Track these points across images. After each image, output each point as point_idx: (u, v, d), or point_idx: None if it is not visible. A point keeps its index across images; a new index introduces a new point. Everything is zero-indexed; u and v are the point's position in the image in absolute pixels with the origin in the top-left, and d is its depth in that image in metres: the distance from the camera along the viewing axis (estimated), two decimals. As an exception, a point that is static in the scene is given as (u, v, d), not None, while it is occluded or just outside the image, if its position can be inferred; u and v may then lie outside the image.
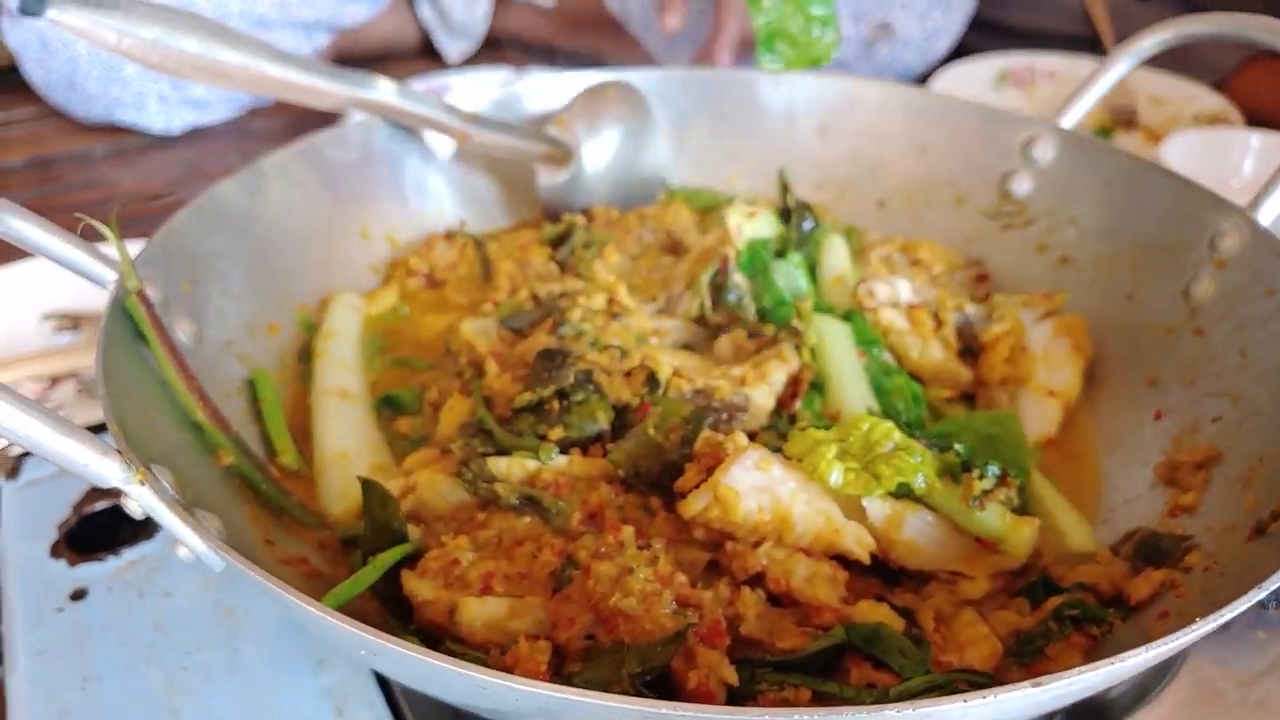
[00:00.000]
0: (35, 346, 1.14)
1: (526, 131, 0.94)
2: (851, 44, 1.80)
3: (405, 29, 2.14)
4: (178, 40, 0.86)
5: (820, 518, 0.59)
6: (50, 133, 1.85)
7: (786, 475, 0.60)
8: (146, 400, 0.65)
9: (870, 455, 0.62)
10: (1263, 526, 0.58)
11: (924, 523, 0.61)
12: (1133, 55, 0.91)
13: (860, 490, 0.61)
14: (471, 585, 0.57)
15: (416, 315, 0.90)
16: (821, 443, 0.62)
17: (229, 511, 0.63)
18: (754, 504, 0.59)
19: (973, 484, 0.61)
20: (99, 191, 1.69)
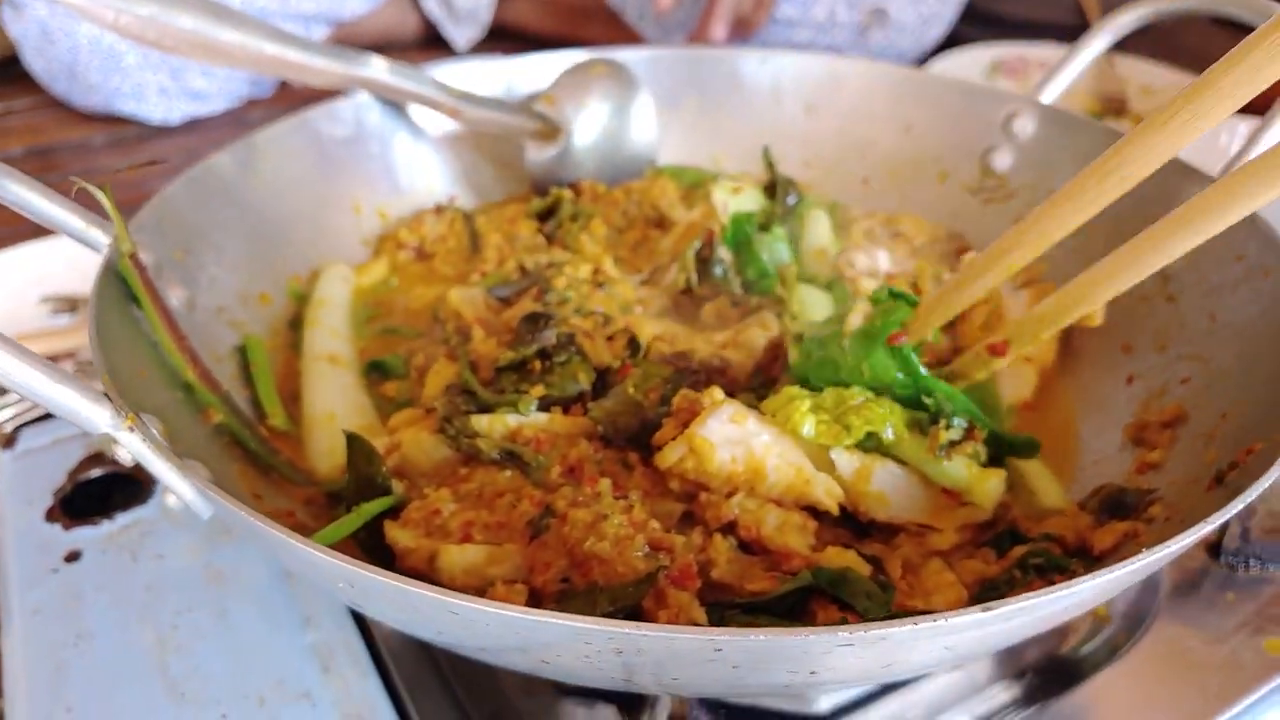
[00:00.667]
0: (34, 327, 1.16)
1: (516, 107, 0.96)
2: (845, 29, 1.81)
3: (405, 20, 2.15)
4: (174, 17, 0.88)
5: (791, 470, 0.61)
6: (49, 122, 1.87)
7: (760, 428, 0.62)
8: (138, 359, 0.66)
9: (841, 408, 0.64)
10: (1221, 476, 0.59)
11: (891, 475, 0.63)
12: (1111, 31, 0.92)
13: (831, 440, 0.62)
14: (452, 534, 0.59)
15: (406, 286, 0.91)
16: (796, 398, 0.64)
17: (217, 466, 0.65)
18: (728, 455, 0.60)
19: (939, 434, 0.63)
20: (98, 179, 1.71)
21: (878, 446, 0.65)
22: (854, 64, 1.04)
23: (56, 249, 1.22)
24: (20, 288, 1.18)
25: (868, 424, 0.63)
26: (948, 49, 1.92)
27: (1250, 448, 0.58)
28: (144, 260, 0.70)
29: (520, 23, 2.19)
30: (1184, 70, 1.84)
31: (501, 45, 2.18)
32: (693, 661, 0.42)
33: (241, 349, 0.79)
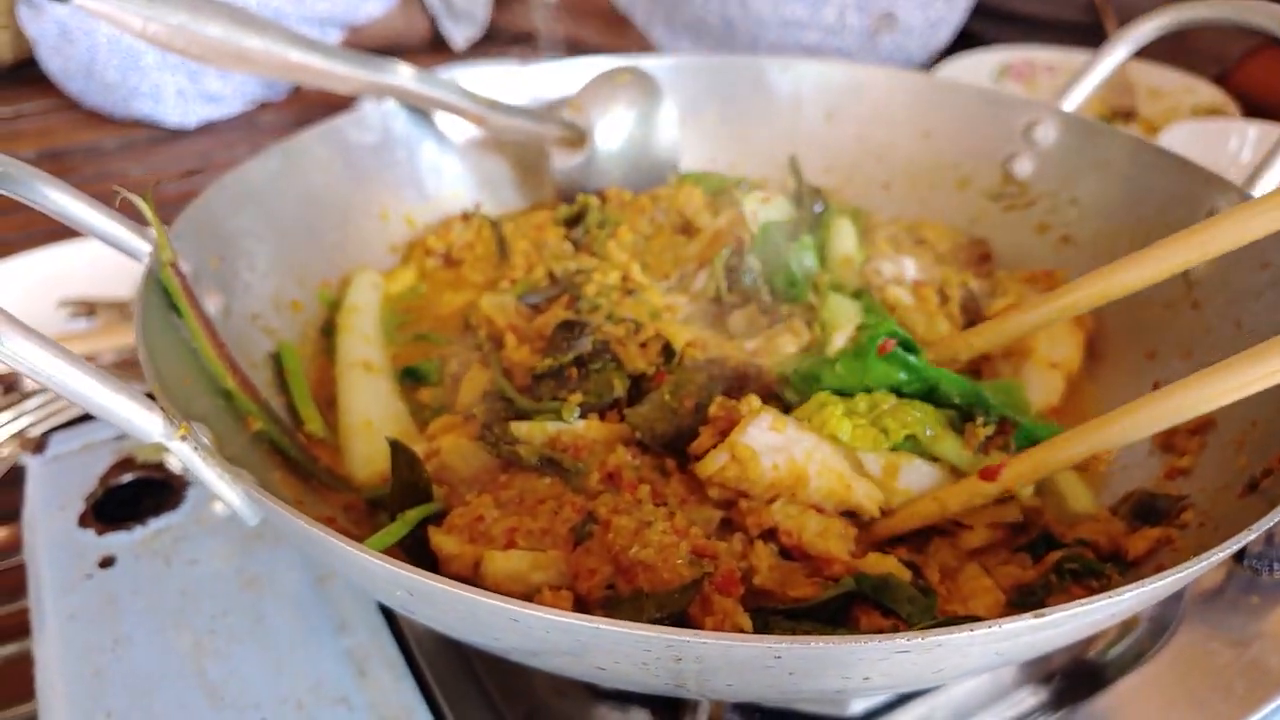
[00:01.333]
0: (52, 331, 1.17)
1: (541, 115, 0.96)
2: (854, 33, 1.82)
3: (413, 24, 2.17)
4: (202, 25, 0.88)
5: (833, 475, 0.62)
6: (61, 125, 1.87)
7: (800, 434, 0.63)
8: (181, 367, 0.67)
9: (875, 412, 0.64)
10: (1255, 483, 0.60)
11: (919, 472, 0.65)
12: (1132, 41, 0.93)
13: (869, 445, 0.63)
14: (496, 540, 0.60)
15: (434, 293, 0.92)
16: (828, 404, 0.65)
17: (259, 474, 0.65)
18: (770, 462, 0.61)
19: (978, 431, 0.65)
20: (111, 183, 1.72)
21: (915, 447, 0.66)
22: (873, 71, 1.05)
23: (74, 252, 1.22)
24: (38, 291, 1.19)
25: (905, 427, 0.64)
26: (959, 47, 1.93)
27: None
28: (183, 269, 0.71)
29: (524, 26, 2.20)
30: (1196, 74, 1.84)
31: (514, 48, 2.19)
32: (750, 669, 0.43)
33: (276, 356, 0.80)
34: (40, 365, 0.51)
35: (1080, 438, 0.60)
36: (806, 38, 1.85)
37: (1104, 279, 0.70)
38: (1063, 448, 0.61)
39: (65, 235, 1.28)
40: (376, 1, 1.93)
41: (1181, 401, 0.56)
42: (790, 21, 1.83)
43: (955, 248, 0.95)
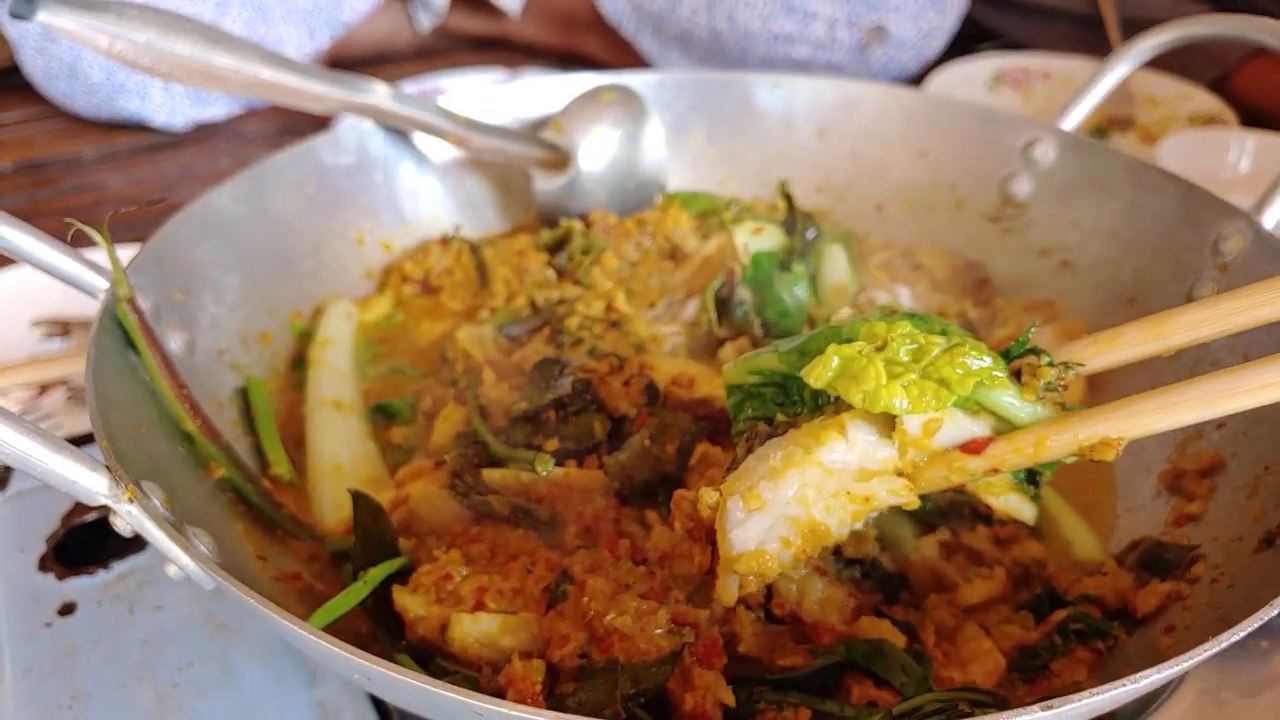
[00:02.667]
0: (24, 353, 1.13)
1: (523, 136, 0.93)
2: (845, 48, 1.80)
3: (399, 31, 2.14)
4: (170, 43, 0.85)
5: (843, 499, 0.52)
6: (41, 135, 1.84)
7: (778, 486, 0.52)
8: (137, 411, 0.64)
9: (926, 361, 0.52)
10: (1271, 538, 0.57)
11: (959, 429, 0.53)
12: (1134, 56, 0.90)
13: (936, 406, 0.51)
14: (464, 601, 0.56)
15: (411, 322, 0.89)
16: (866, 365, 0.51)
17: (221, 526, 0.62)
18: (776, 546, 0.52)
19: (1039, 372, 0.53)
20: (90, 195, 1.68)
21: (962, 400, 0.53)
22: (867, 88, 1.02)
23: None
24: (11, 311, 1.15)
25: (969, 373, 0.51)
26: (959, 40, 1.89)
27: (1301, 507, 0.56)
28: (142, 304, 0.68)
29: (519, 34, 2.18)
30: (1190, 82, 1.82)
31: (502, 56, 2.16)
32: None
33: (243, 392, 0.76)
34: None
35: (1087, 418, 0.53)
36: (796, 52, 1.83)
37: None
38: (1066, 426, 0.53)
39: None
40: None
41: (1199, 395, 0.51)
42: (779, 36, 1.81)
43: (953, 273, 0.91)
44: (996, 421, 0.54)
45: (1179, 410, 0.52)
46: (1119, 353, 0.56)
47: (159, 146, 1.77)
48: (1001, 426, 0.54)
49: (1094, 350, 0.56)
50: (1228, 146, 1.51)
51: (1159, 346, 0.55)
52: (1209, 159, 1.47)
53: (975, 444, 0.53)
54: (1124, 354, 0.56)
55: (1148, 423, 0.53)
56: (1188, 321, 0.54)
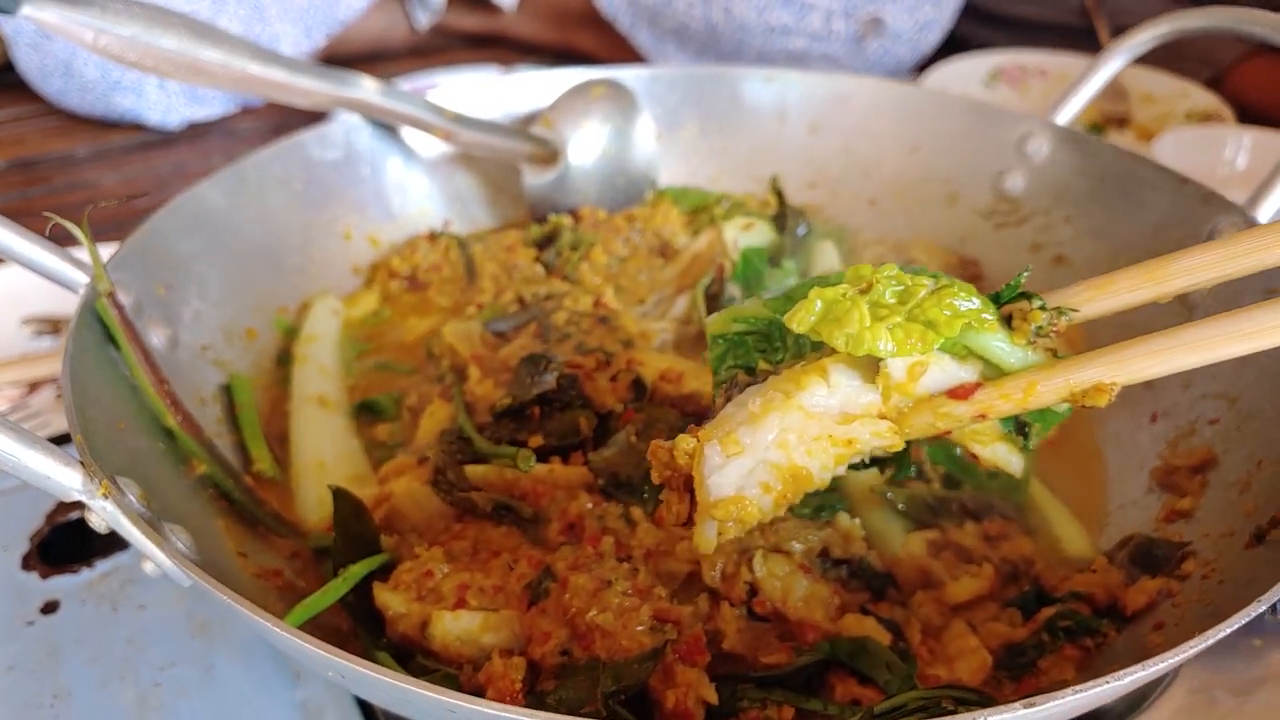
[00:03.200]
0: (15, 350, 1.12)
1: (512, 131, 0.92)
2: (841, 40, 1.79)
3: (394, 28, 2.14)
4: (156, 37, 0.84)
5: (824, 441, 0.51)
6: (33, 134, 1.84)
7: (758, 431, 0.50)
8: (116, 407, 0.63)
9: (912, 303, 0.50)
10: (1262, 533, 0.56)
11: (946, 373, 0.52)
12: (1127, 51, 0.89)
13: (922, 349, 0.49)
14: (445, 598, 0.56)
15: (398, 318, 0.88)
16: (850, 309, 0.49)
17: (201, 523, 0.62)
18: (756, 491, 0.50)
19: (1030, 316, 0.52)
20: (82, 193, 1.68)
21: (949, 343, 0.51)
22: (860, 82, 1.01)
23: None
24: (1, 309, 1.15)
25: (957, 315, 0.49)
26: (948, 51, 1.89)
27: (1292, 503, 0.55)
28: (123, 300, 0.67)
29: (514, 31, 2.18)
30: (1186, 79, 1.81)
31: (497, 53, 2.16)
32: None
33: (227, 389, 0.76)
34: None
35: (1079, 362, 0.52)
36: (792, 44, 1.82)
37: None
38: (1058, 371, 0.51)
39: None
40: None
41: (1194, 339, 0.50)
42: (775, 28, 1.80)
43: (945, 268, 0.91)
44: (985, 367, 0.52)
45: (1174, 354, 0.51)
46: (1113, 298, 0.54)
47: (152, 145, 1.77)
48: (990, 372, 0.52)
49: (1087, 295, 0.54)
50: (1224, 143, 1.51)
51: (1154, 292, 0.53)
52: (1205, 156, 1.47)
53: (962, 389, 0.51)
54: (1118, 299, 0.54)
55: (1142, 366, 0.51)
56: (1184, 266, 0.52)
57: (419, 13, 2.09)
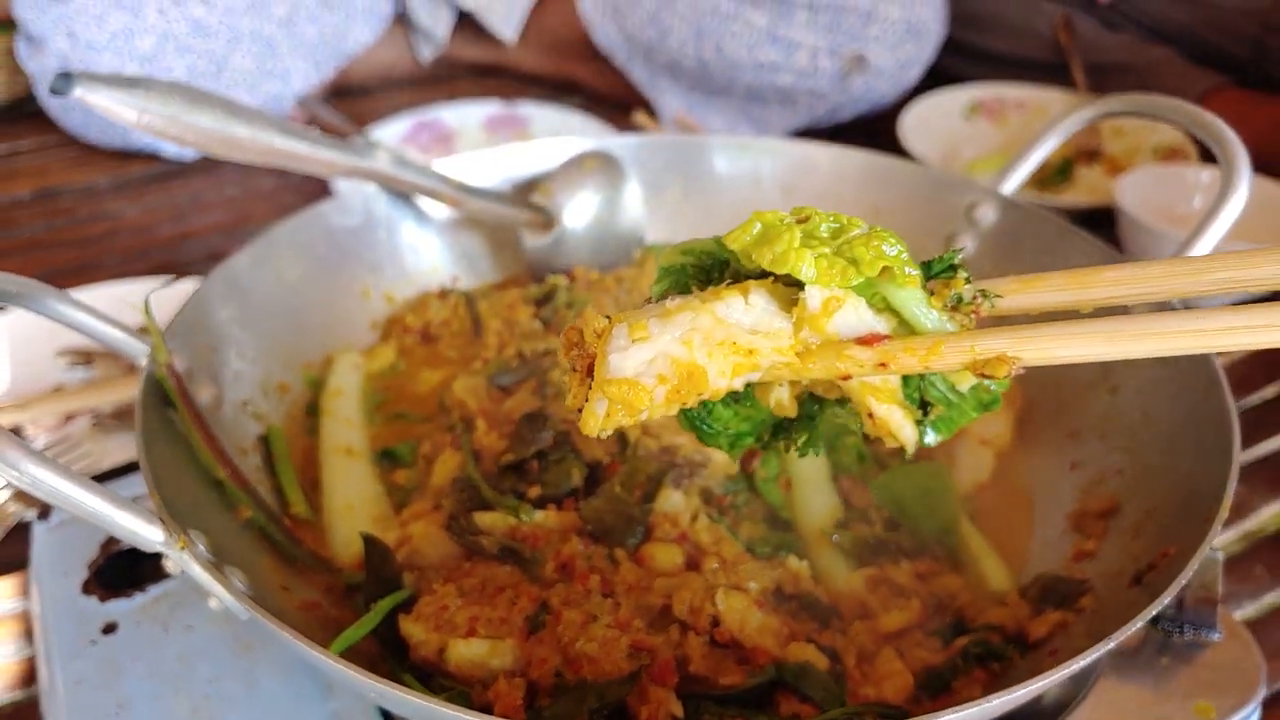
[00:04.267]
0: (49, 382, 1.20)
1: (513, 199, 1.03)
2: (827, 76, 1.88)
3: (399, 58, 2.23)
4: (193, 115, 0.95)
5: (727, 347, 0.51)
6: (56, 164, 1.92)
7: (666, 324, 0.51)
8: (177, 461, 0.74)
9: (842, 239, 0.52)
10: (1140, 576, 0.67)
11: (860, 318, 0.52)
12: (1062, 130, 1.00)
13: (839, 280, 0.50)
14: (459, 628, 0.67)
15: (412, 370, 0.99)
16: (783, 229, 0.51)
17: (250, 562, 0.72)
18: (652, 381, 0.50)
19: (953, 283, 0.53)
20: (105, 224, 1.76)
21: (870, 291, 0.52)
22: (825, 150, 1.12)
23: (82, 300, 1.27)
24: (37, 340, 1.20)
25: (880, 258, 0.50)
26: (930, 84, 1.99)
27: (1165, 551, 0.66)
28: (177, 366, 0.78)
29: (516, 62, 2.27)
30: (1154, 115, 1.90)
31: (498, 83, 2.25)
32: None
33: (264, 438, 0.86)
34: (54, 488, 0.58)
35: (988, 333, 0.51)
36: (780, 80, 1.91)
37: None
38: (964, 337, 0.51)
39: (66, 282, 1.33)
40: (364, 28, 2.00)
41: (1104, 330, 0.49)
42: (764, 65, 1.89)
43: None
44: (899, 325, 0.53)
45: (1081, 340, 0.50)
46: (1038, 295, 0.54)
47: (170, 175, 1.86)
48: (902, 332, 0.53)
49: (1015, 287, 0.55)
50: (1184, 182, 1.61)
51: (1077, 297, 0.53)
52: (1165, 195, 1.57)
53: (871, 337, 0.52)
54: (1042, 297, 0.54)
55: (1047, 347, 0.50)
56: (1111, 278, 0.52)
57: (423, 46, 2.19)
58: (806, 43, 1.85)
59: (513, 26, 2.11)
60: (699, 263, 0.58)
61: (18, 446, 0.58)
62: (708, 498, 0.78)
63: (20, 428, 1.16)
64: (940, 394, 0.56)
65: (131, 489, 0.94)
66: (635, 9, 1.95)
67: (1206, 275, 0.50)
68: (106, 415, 1.21)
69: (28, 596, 0.99)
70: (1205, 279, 0.50)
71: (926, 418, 0.56)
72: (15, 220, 1.75)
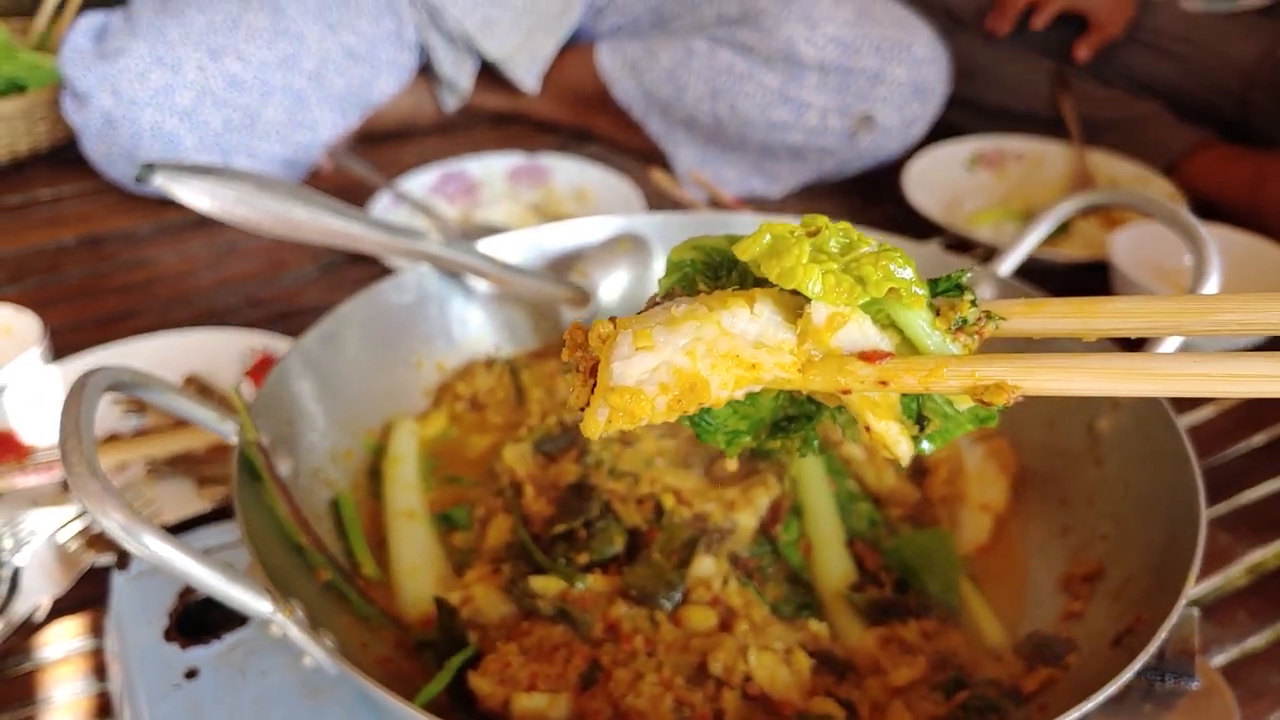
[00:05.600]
0: (103, 430, 1.27)
1: (552, 277, 1.13)
2: (836, 134, 1.98)
3: (422, 106, 2.33)
4: (261, 199, 1.05)
5: (731, 360, 0.52)
6: (98, 210, 2.02)
7: (671, 334, 0.51)
8: (266, 531, 0.83)
9: (851, 256, 0.52)
10: (1120, 637, 0.76)
11: (863, 335, 0.53)
12: (1054, 217, 1.10)
13: (845, 299, 0.51)
14: (520, 683, 0.76)
15: (463, 435, 1.08)
16: (792, 245, 0.52)
17: (329, 619, 0.81)
18: (654, 390, 0.50)
19: (959, 305, 0.53)
20: (147, 270, 1.85)
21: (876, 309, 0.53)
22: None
23: (129, 351, 1.34)
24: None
25: (887, 278, 0.51)
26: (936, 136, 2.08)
27: (1140, 616, 0.75)
28: (264, 443, 0.87)
29: (535, 110, 2.37)
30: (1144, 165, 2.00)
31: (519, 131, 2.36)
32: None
33: (334, 504, 0.96)
34: (172, 561, 0.67)
35: (990, 360, 0.51)
36: (791, 138, 2.00)
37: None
38: (966, 362, 0.51)
39: (114, 333, 1.42)
40: (389, 80, 2.10)
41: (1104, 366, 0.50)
42: (776, 123, 1.98)
43: (904, 393, 1.10)
44: (902, 343, 0.53)
45: (1084, 375, 0.50)
46: (1042, 321, 0.54)
47: (206, 222, 1.94)
48: (905, 350, 0.53)
49: (1019, 310, 0.55)
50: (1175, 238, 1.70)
51: (1080, 325, 0.53)
52: (1157, 251, 1.66)
53: (873, 354, 0.52)
54: (1047, 323, 0.54)
55: (1047, 378, 0.51)
56: (1117, 309, 0.52)
57: (447, 96, 2.29)
58: (816, 103, 1.94)
59: (535, 77, 2.21)
60: (708, 259, 0.59)
61: (145, 526, 0.67)
62: (735, 560, 0.88)
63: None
64: (938, 407, 0.56)
65: (201, 540, 1.04)
66: (653, 66, 2.05)
67: (1212, 315, 0.50)
68: (161, 462, 1.30)
69: (98, 637, 1.08)
70: (1211, 319, 0.50)
71: (923, 433, 0.56)
72: (64, 265, 1.85)
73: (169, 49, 1.79)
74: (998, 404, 0.51)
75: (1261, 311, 0.49)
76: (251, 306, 1.70)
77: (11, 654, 1.05)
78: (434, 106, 2.32)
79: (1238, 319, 0.49)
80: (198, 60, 1.82)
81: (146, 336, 1.38)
